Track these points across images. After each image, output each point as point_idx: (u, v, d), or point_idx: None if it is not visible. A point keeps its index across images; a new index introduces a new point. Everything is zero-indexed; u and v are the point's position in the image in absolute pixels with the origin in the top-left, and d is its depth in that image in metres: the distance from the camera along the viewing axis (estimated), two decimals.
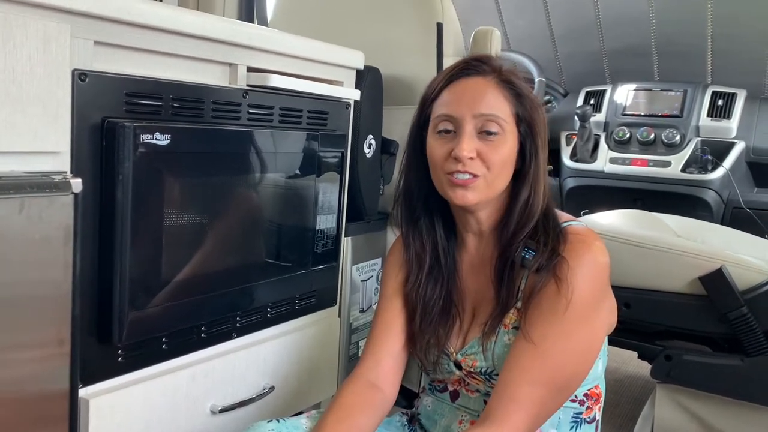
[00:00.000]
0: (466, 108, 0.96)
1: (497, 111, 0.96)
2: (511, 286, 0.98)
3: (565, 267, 0.93)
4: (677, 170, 2.54)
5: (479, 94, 0.97)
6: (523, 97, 0.99)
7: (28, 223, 0.79)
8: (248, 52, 1.12)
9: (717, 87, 2.67)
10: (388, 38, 1.69)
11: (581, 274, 0.93)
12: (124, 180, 0.91)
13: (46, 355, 0.85)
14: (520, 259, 0.97)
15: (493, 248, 1.03)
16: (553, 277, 0.93)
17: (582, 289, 0.93)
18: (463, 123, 0.96)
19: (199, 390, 1.11)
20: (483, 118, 0.96)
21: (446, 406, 1.09)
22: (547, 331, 0.93)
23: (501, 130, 0.96)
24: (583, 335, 0.95)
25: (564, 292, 0.92)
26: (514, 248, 0.98)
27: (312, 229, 1.33)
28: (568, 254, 0.94)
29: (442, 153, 0.98)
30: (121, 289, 0.93)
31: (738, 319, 1.49)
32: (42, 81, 0.81)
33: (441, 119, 0.99)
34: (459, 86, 0.99)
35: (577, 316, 0.93)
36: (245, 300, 1.19)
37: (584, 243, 0.96)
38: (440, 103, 1.00)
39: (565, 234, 0.97)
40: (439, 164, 0.98)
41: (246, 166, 1.14)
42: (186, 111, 1.02)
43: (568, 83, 3.14)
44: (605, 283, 0.98)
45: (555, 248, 0.95)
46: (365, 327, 1.59)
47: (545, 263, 0.94)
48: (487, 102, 0.96)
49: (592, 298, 0.95)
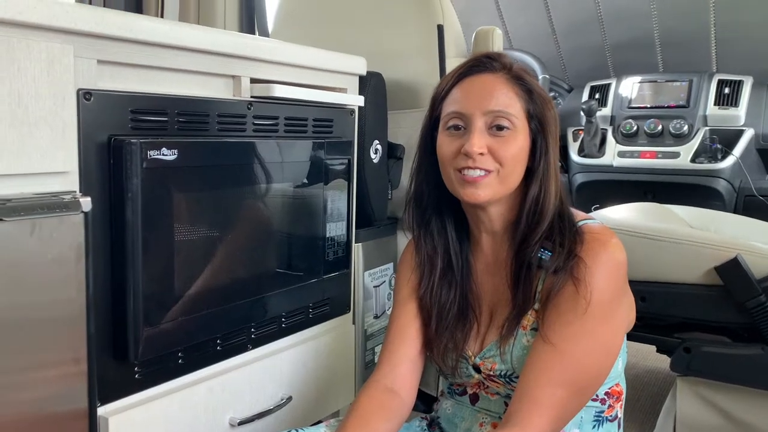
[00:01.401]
0: (476, 104, 0.96)
1: (508, 107, 0.95)
2: (528, 288, 0.97)
3: (582, 267, 0.92)
4: (686, 161, 2.52)
5: (489, 90, 0.96)
6: (534, 94, 0.98)
7: (40, 244, 0.79)
8: (251, 64, 1.13)
9: (723, 75, 2.65)
10: (389, 43, 1.69)
11: (599, 273, 0.92)
12: (133, 197, 0.91)
13: (64, 374, 0.85)
14: (537, 260, 0.96)
15: (508, 248, 1.02)
16: (570, 278, 0.93)
17: (601, 289, 0.92)
18: (473, 119, 0.95)
19: (218, 403, 1.11)
20: (493, 114, 0.95)
21: (466, 409, 1.08)
22: (567, 331, 0.92)
23: (512, 125, 0.95)
24: (604, 335, 0.94)
25: (583, 293, 0.91)
26: (530, 249, 0.97)
27: (322, 237, 1.33)
28: (585, 254, 0.93)
29: (451, 150, 0.97)
30: (135, 305, 0.93)
31: (756, 307, 1.48)
32: (47, 102, 0.81)
33: (451, 116, 0.98)
34: (469, 83, 0.98)
35: (597, 315, 0.92)
36: (259, 311, 1.19)
37: (600, 242, 0.95)
38: (450, 100, 0.99)
39: (581, 234, 0.96)
40: (449, 161, 0.98)
41: (254, 177, 1.14)
42: (192, 125, 1.02)
43: (572, 79, 3.13)
44: (623, 280, 0.97)
45: (572, 249, 0.94)
46: (380, 333, 1.59)
47: (562, 264, 0.93)
48: (497, 98, 0.95)
49: (612, 297, 0.94)
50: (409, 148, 1.66)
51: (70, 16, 0.83)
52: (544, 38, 3.05)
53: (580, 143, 2.76)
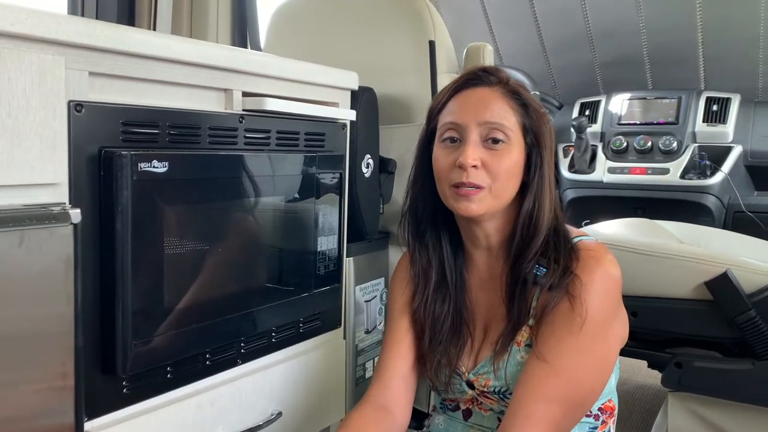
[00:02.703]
0: (472, 116, 0.96)
1: (503, 120, 0.96)
2: (523, 304, 0.97)
3: (578, 284, 0.92)
4: (676, 177, 2.54)
5: (485, 103, 0.97)
6: (530, 108, 0.98)
7: (28, 256, 0.78)
8: (243, 77, 1.13)
9: (711, 92, 2.68)
10: (381, 58, 1.70)
11: (594, 290, 0.93)
12: (123, 209, 0.90)
13: (50, 389, 0.83)
14: (532, 276, 0.96)
15: (504, 264, 1.02)
16: (566, 294, 0.92)
17: (596, 306, 0.92)
18: (468, 131, 0.95)
19: (207, 418, 1.10)
20: (488, 126, 0.95)
21: (459, 424, 1.07)
22: (562, 347, 0.92)
23: (507, 139, 0.95)
24: (599, 351, 0.94)
25: (578, 310, 0.91)
26: (525, 265, 0.97)
27: (313, 252, 1.32)
28: (581, 271, 0.93)
29: (447, 163, 0.97)
30: (124, 319, 0.92)
31: (746, 322, 1.48)
32: (38, 113, 0.81)
33: (446, 127, 0.98)
34: (465, 96, 0.99)
35: (592, 332, 0.92)
36: (249, 325, 1.18)
37: (596, 258, 0.95)
38: (446, 112, 1.00)
39: (576, 250, 0.96)
40: (444, 174, 0.98)
41: (245, 191, 1.14)
42: (183, 138, 1.02)
43: (562, 96, 3.16)
44: (618, 297, 0.98)
45: (567, 265, 0.94)
46: (371, 348, 1.58)
47: (557, 282, 0.93)
48: (493, 111, 0.96)
49: (606, 314, 0.95)
50: (400, 163, 1.66)
51: (62, 28, 0.82)
52: (534, 55, 3.08)
53: (570, 159, 2.78)
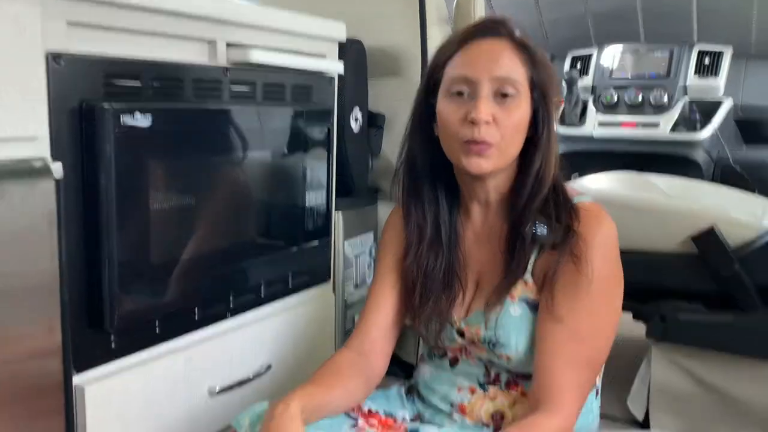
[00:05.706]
0: (484, 70, 0.94)
1: (514, 74, 0.94)
2: (521, 258, 0.98)
3: (581, 245, 0.93)
4: (666, 131, 2.54)
5: (496, 56, 0.94)
6: (538, 62, 0.97)
7: (10, 210, 0.77)
8: (227, 28, 1.10)
9: (703, 45, 2.66)
10: (369, 9, 1.66)
11: (599, 251, 0.94)
12: (106, 163, 0.89)
13: (38, 343, 0.84)
14: (530, 233, 0.97)
15: (502, 220, 1.02)
16: (570, 256, 0.93)
17: (601, 267, 0.94)
18: (480, 85, 0.94)
19: (197, 372, 1.11)
20: (500, 81, 0.94)
21: (444, 373, 1.09)
22: (573, 306, 0.94)
23: (516, 92, 0.94)
24: (608, 310, 0.97)
25: (584, 271, 0.93)
26: (525, 221, 0.97)
27: (302, 206, 1.32)
28: (583, 230, 0.94)
29: (457, 117, 0.95)
30: (110, 273, 0.92)
31: (731, 276, 1.50)
32: (16, 66, 0.79)
33: (455, 81, 0.96)
34: (475, 48, 0.96)
35: (601, 293, 0.94)
36: (237, 279, 1.18)
37: (597, 219, 0.96)
38: (455, 64, 0.97)
39: (576, 210, 0.96)
40: (454, 129, 0.96)
41: (231, 145, 1.12)
42: (166, 90, 1.00)
43: (554, 48, 3.12)
44: (618, 254, 0.99)
45: (569, 225, 0.95)
46: (360, 302, 1.59)
47: (560, 240, 0.94)
48: (504, 64, 0.94)
49: (611, 273, 0.97)
50: (389, 117, 1.64)
51: None
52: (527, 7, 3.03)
53: (561, 113, 2.76)
